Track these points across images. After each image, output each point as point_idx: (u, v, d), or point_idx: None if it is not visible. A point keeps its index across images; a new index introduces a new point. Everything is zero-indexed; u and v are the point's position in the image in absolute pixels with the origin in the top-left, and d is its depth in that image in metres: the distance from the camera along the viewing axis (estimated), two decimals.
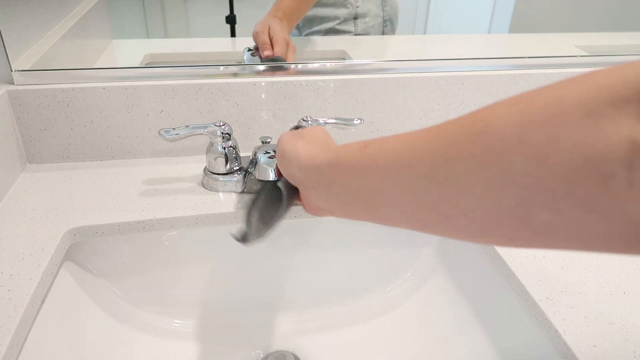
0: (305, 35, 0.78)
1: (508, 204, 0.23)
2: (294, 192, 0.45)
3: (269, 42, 0.68)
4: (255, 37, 0.69)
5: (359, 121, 0.59)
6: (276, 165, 0.51)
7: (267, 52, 0.67)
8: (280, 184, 0.46)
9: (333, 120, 0.58)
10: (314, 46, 0.78)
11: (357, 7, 0.76)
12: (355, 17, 0.76)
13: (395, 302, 0.61)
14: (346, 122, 0.58)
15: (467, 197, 0.24)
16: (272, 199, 0.48)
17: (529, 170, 0.21)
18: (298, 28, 0.78)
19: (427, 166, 0.27)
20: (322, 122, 0.58)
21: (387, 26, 0.79)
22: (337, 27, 0.77)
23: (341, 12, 0.76)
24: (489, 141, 0.23)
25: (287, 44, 0.68)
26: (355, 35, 0.77)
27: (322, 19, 0.76)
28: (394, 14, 0.79)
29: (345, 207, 0.35)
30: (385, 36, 0.79)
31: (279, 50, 0.67)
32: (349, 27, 0.77)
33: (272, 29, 0.68)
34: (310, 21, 0.77)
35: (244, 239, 0.46)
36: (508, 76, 0.70)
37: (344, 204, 0.35)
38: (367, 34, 0.78)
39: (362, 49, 0.78)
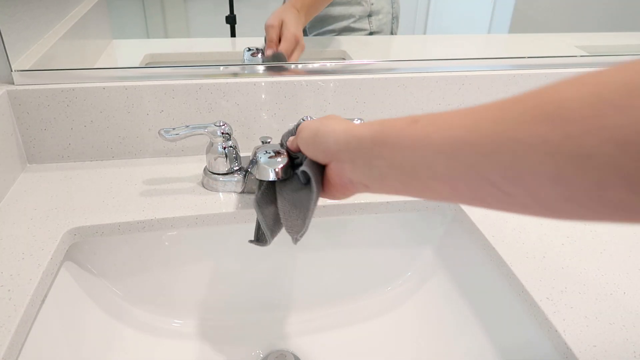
0: (317, 35, 0.77)
1: (582, 185, 0.23)
2: (320, 173, 0.44)
3: (275, 40, 0.67)
4: (266, 29, 0.68)
5: (359, 121, 0.58)
6: (276, 166, 0.52)
7: (268, 52, 0.67)
8: (306, 168, 0.44)
9: None
10: (314, 46, 0.78)
11: (372, 4, 0.76)
12: (370, 15, 0.76)
13: (396, 302, 0.61)
14: None
15: (537, 179, 0.25)
16: (296, 187, 0.47)
17: (608, 153, 0.21)
18: (305, 29, 0.77)
19: (491, 147, 0.26)
20: None
21: (394, 23, 0.79)
22: (353, 25, 0.76)
23: (356, 9, 0.76)
24: (561, 125, 0.23)
25: (297, 42, 0.67)
26: (370, 32, 0.77)
27: (336, 18, 0.76)
28: (399, 10, 0.79)
29: (386, 180, 0.35)
30: (385, 36, 0.79)
31: (285, 47, 0.67)
32: (364, 24, 0.76)
33: (285, 23, 0.67)
34: (322, 20, 0.76)
35: (259, 239, 0.46)
36: (508, 76, 0.70)
37: (385, 177, 0.35)
38: (380, 31, 0.78)
39: (362, 49, 0.78)
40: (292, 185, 0.48)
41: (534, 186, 0.25)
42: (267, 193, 0.49)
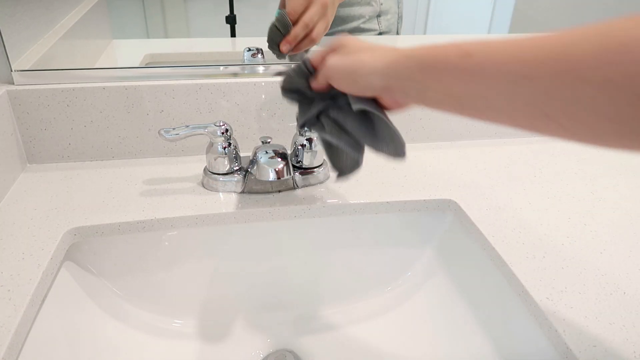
0: (326, 36, 0.77)
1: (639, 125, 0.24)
2: (374, 102, 0.43)
3: (295, 38, 0.60)
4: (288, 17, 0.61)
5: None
6: (276, 166, 0.52)
7: (284, 47, 0.60)
8: (362, 105, 0.42)
9: None
10: (314, 46, 0.78)
11: (381, 4, 0.76)
12: (379, 15, 0.76)
13: (396, 302, 0.61)
14: None
15: (596, 116, 0.25)
16: (354, 119, 0.45)
17: None
18: None
19: (551, 83, 0.27)
20: None
21: (399, 23, 0.79)
22: (362, 25, 0.76)
23: (366, 10, 0.76)
24: (625, 66, 0.24)
25: (308, 31, 0.60)
26: (380, 33, 0.77)
27: (345, 19, 0.75)
28: (403, 10, 0.79)
29: (442, 105, 0.35)
30: (385, 36, 0.79)
31: (301, 47, 0.62)
32: (374, 25, 0.76)
33: (307, 14, 0.59)
34: (332, 21, 0.76)
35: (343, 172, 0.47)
36: None
37: (440, 104, 0.35)
38: (389, 31, 0.78)
39: None
40: (353, 120, 0.45)
41: (592, 122, 0.26)
42: (332, 128, 0.47)
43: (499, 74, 0.30)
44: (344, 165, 0.50)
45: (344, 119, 0.45)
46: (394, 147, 0.44)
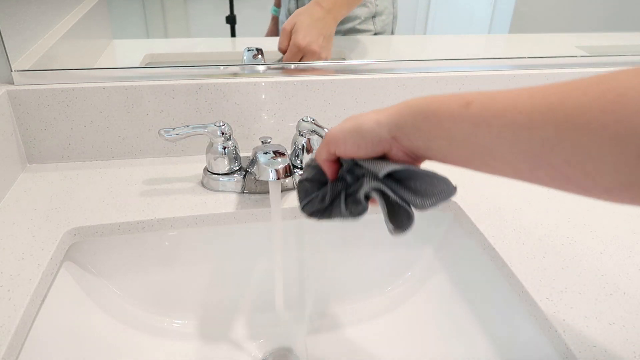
0: None
1: None
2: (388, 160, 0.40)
3: (283, 49, 0.66)
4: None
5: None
6: (276, 166, 0.51)
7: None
8: (382, 170, 0.39)
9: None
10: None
11: (377, 5, 0.76)
12: (374, 16, 0.76)
13: (396, 302, 0.61)
14: None
15: (596, 164, 0.25)
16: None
17: None
18: None
19: (552, 132, 0.27)
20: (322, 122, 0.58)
21: (394, 22, 0.79)
22: (358, 26, 0.76)
23: (361, 11, 0.76)
24: (625, 115, 0.24)
25: (300, 52, 0.65)
26: (375, 33, 0.77)
27: (342, 20, 0.76)
28: (398, 9, 0.79)
29: (450, 158, 0.35)
30: (385, 36, 0.79)
31: (287, 58, 0.66)
32: (369, 25, 0.77)
33: (295, 28, 0.65)
34: None
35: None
36: (508, 76, 0.70)
37: (447, 156, 0.35)
38: (384, 31, 0.78)
39: (361, 49, 0.78)
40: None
41: (595, 172, 0.26)
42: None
43: (499, 124, 0.30)
44: (400, 222, 0.43)
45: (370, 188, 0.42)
46: (440, 186, 0.40)
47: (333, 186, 0.45)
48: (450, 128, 0.33)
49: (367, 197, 0.43)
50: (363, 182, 0.42)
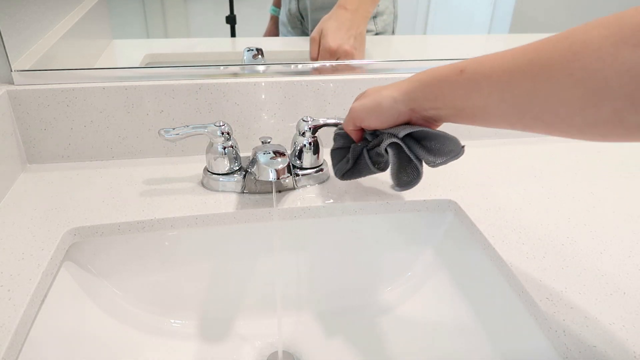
0: None
1: (604, 112, 0.28)
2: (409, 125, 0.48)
3: (315, 57, 0.68)
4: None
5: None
6: (276, 166, 0.51)
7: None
8: (401, 132, 0.47)
9: (333, 121, 0.58)
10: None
11: (378, 5, 0.76)
12: (375, 16, 0.76)
13: (396, 302, 0.61)
14: None
15: (567, 108, 0.30)
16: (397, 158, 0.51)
17: (623, 84, 0.26)
18: (305, 28, 0.77)
19: (529, 85, 0.32)
20: (322, 122, 0.58)
21: (395, 22, 0.79)
22: None
23: None
24: (587, 61, 0.28)
25: (333, 54, 0.66)
26: (376, 33, 0.77)
27: None
28: (398, 9, 0.79)
29: (457, 120, 0.41)
30: (385, 36, 0.79)
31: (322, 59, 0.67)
32: (370, 26, 0.76)
33: (323, 33, 0.67)
34: None
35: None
36: None
37: (455, 118, 0.41)
38: (385, 31, 0.78)
39: None
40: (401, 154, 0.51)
41: (566, 115, 0.30)
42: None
43: (488, 84, 0.35)
44: (409, 179, 0.54)
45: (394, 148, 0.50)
46: (451, 146, 0.47)
47: (354, 148, 0.54)
48: (451, 95, 0.39)
49: (387, 152, 0.51)
50: (383, 138, 0.49)
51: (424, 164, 0.51)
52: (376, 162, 0.54)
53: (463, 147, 0.46)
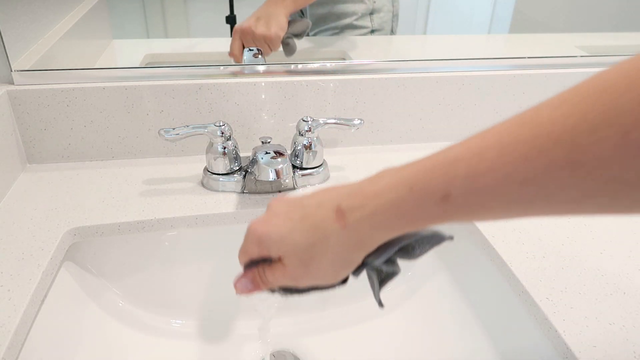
0: (319, 33, 0.77)
1: (598, 198, 0.22)
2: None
3: (235, 54, 0.68)
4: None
5: (359, 121, 0.59)
6: (276, 166, 0.51)
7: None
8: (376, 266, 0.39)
9: (333, 121, 0.58)
10: (314, 46, 0.78)
11: (374, 2, 0.76)
12: (372, 13, 0.77)
13: (396, 302, 0.61)
14: (346, 122, 0.58)
15: (562, 202, 0.24)
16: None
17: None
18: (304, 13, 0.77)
19: (529, 193, 0.24)
20: (322, 122, 0.58)
21: (394, 21, 0.79)
22: (355, 22, 0.77)
23: (359, 7, 0.76)
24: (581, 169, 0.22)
25: (267, 40, 0.67)
26: (372, 30, 0.78)
27: (339, 16, 0.76)
28: (399, 8, 0.80)
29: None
30: (385, 36, 0.79)
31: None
32: (366, 22, 0.77)
33: (254, 27, 0.68)
34: (325, 18, 0.77)
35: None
36: (508, 76, 0.70)
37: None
38: (382, 29, 0.78)
39: (362, 49, 0.78)
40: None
41: (559, 205, 0.24)
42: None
43: (491, 207, 0.27)
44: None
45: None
46: (433, 241, 0.40)
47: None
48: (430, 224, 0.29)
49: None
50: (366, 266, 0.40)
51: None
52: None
53: (449, 236, 0.38)
